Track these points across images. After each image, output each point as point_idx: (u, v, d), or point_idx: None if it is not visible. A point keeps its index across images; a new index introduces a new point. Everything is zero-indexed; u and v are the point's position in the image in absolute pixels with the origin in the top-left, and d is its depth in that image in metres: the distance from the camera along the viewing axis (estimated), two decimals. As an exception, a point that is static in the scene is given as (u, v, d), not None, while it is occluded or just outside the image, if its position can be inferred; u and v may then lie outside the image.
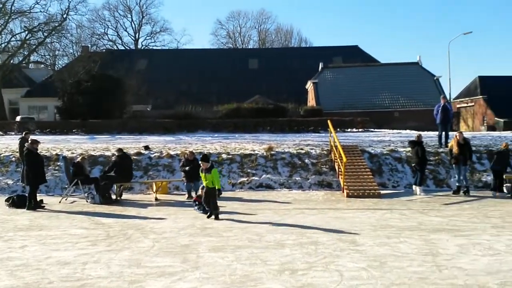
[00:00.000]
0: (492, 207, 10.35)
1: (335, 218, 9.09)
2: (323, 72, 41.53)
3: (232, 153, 15.09)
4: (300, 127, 26.65)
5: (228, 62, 53.22)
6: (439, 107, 15.39)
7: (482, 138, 18.47)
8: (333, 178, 13.77)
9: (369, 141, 17.61)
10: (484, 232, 7.64)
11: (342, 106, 36.89)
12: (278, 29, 76.12)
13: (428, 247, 6.69)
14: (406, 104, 37.88)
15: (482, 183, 13.47)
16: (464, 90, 51.79)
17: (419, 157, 12.60)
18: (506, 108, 43.84)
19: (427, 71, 40.80)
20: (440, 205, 10.71)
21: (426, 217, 9.11)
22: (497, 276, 5.26)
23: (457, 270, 5.51)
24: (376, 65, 44.99)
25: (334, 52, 53.76)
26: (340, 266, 5.78)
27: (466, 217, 9.13)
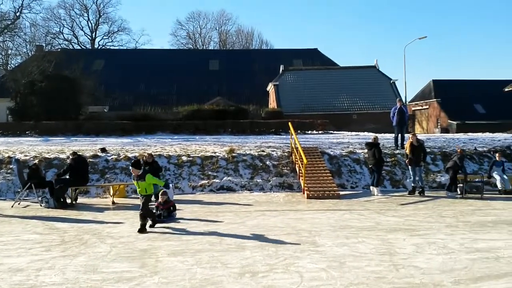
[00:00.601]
0: (446, 206, 10.71)
1: (296, 220, 9.15)
2: (284, 75, 41.91)
3: (193, 155, 14.94)
4: (262, 129, 26.73)
5: (188, 63, 52.73)
6: (395, 109, 15.80)
7: (436, 140, 19.11)
8: (294, 179, 13.87)
9: (328, 143, 17.88)
10: (439, 232, 7.88)
11: (302, 108, 37.32)
12: (239, 31, 76.28)
13: (385, 246, 6.83)
14: (364, 106, 38.77)
15: (436, 183, 13.91)
16: (419, 93, 53.59)
17: (376, 159, 12.88)
18: (458, 111, 45.69)
19: (384, 74, 41.93)
20: (396, 205, 10.98)
21: (383, 217, 9.31)
22: (451, 274, 5.42)
23: (413, 269, 5.65)
24: (335, 68, 45.83)
25: (294, 54, 54.39)
26: (300, 267, 5.81)
27: (421, 216, 9.41)
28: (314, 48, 56.93)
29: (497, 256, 6.21)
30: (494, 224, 8.51)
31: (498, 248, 6.65)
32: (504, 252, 6.38)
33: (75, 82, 30.12)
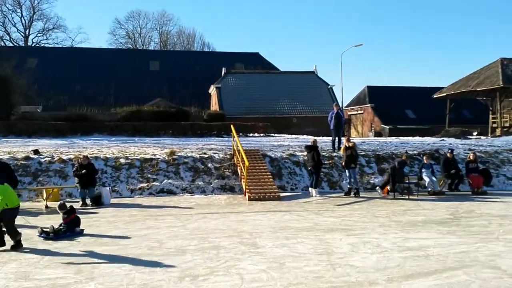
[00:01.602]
0: (379, 207, 11.19)
1: (237, 222, 9.19)
2: (226, 77, 41.98)
3: (131, 158, 14.57)
4: (203, 131, 26.59)
5: (127, 63, 51.37)
6: (332, 114, 16.32)
7: (370, 143, 19.91)
8: (235, 182, 13.92)
9: (270, 146, 18.11)
10: (373, 231, 8.22)
11: (244, 111, 37.54)
12: (180, 32, 75.43)
13: (323, 246, 7.03)
14: (303, 110, 39.65)
15: (370, 185, 14.49)
16: (354, 99, 55.66)
17: (315, 161, 13.22)
18: (391, 116, 47.93)
19: (322, 80, 43.13)
20: (333, 206, 11.33)
21: (321, 218, 9.58)
22: (385, 272, 5.68)
23: (350, 268, 5.86)
24: (276, 72, 46.55)
25: (236, 58, 54.60)
26: (241, 269, 5.84)
27: (357, 217, 9.77)
28: (256, 52, 57.50)
29: (427, 254, 6.57)
30: (423, 223, 9.01)
31: (427, 246, 7.03)
32: (433, 250, 6.76)
33: (6, 81, 28.38)
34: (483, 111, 43.84)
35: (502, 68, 33.81)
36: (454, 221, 9.27)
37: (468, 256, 6.40)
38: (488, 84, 33.47)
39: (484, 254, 6.54)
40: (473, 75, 36.99)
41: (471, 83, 35.61)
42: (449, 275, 5.52)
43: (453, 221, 9.21)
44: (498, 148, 17.82)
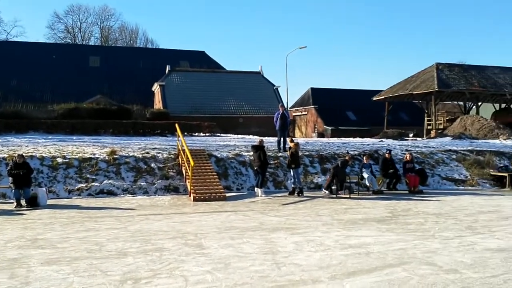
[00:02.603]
0: (322, 206, 11.41)
1: (181, 223, 9.03)
2: (170, 75, 41.27)
3: (69, 157, 13.95)
4: (146, 130, 25.99)
5: (66, 58, 49.26)
6: (278, 114, 16.48)
7: (314, 144, 20.30)
8: (180, 182, 13.69)
9: (215, 145, 17.99)
10: (316, 230, 8.35)
11: (189, 110, 37.10)
12: (123, 28, 73.40)
13: (268, 246, 7.05)
14: (249, 110, 39.81)
15: (314, 184, 14.76)
16: (299, 100, 56.65)
17: (261, 161, 13.28)
18: (333, 117, 49.26)
19: (268, 80, 43.52)
20: (278, 205, 11.42)
21: (267, 217, 9.62)
22: (328, 270, 5.77)
23: (294, 267, 5.90)
24: (222, 71, 46.42)
25: (181, 56, 53.91)
26: (185, 271, 5.73)
27: (301, 216, 9.90)
28: (202, 51, 57.04)
29: (368, 251, 6.76)
30: (364, 221, 9.28)
31: (368, 244, 7.24)
32: (373, 248, 6.97)
33: None
34: (419, 114, 46.04)
35: (437, 72, 35.69)
36: (392, 219, 9.62)
37: (406, 253, 6.65)
38: (424, 87, 35.19)
39: (421, 251, 6.81)
40: (410, 78, 38.76)
41: (408, 86, 37.30)
42: (389, 272, 5.70)
43: (391, 219, 9.55)
44: (433, 149, 18.74)
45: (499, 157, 17.78)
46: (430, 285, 5.19)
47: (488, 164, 16.84)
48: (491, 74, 37.45)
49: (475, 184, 15.65)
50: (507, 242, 7.42)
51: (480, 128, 29.65)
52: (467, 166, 16.69)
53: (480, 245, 7.20)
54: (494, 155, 17.78)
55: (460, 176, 16.17)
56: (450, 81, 35.04)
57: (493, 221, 9.37)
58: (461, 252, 6.72)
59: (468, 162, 16.94)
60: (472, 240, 7.57)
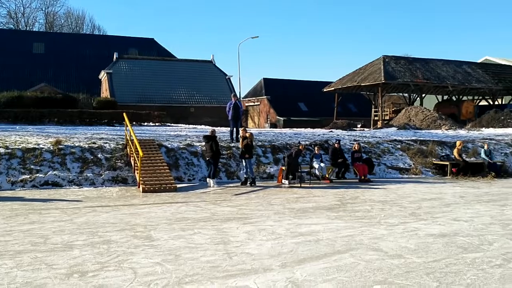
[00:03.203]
0: (274, 195, 11.51)
1: (130, 215, 8.82)
2: (118, 63, 40.05)
3: (12, 147, 13.26)
4: (93, 120, 25.15)
5: (8, 44, 46.71)
6: (230, 104, 16.41)
7: (266, 134, 20.43)
8: (128, 173, 13.37)
9: (166, 136, 17.68)
10: (268, 219, 8.42)
11: (138, 99, 36.27)
12: (69, 14, 70.55)
13: (220, 236, 7.03)
14: (201, 100, 39.42)
15: (266, 174, 14.86)
16: (251, 90, 56.75)
17: (213, 151, 13.20)
18: (285, 108, 49.76)
19: (220, 70, 43.21)
20: (231, 195, 11.41)
21: (219, 208, 9.59)
22: (279, 258, 5.83)
23: (245, 256, 5.92)
24: (173, 60, 45.60)
25: (129, 43, 52.50)
26: (134, 263, 5.60)
27: (253, 205, 9.94)
28: (151, 38, 55.77)
29: (317, 239, 6.88)
30: (314, 209, 9.45)
31: (318, 231, 7.38)
32: (323, 235, 7.11)
33: None
34: (367, 105, 47.38)
35: (384, 65, 36.79)
36: (341, 206, 9.85)
37: (354, 240, 6.83)
38: (371, 80, 36.21)
39: (368, 237, 7.02)
40: (358, 70, 39.75)
41: (357, 78, 38.25)
42: (338, 258, 5.83)
43: (340, 207, 9.79)
44: (379, 139, 19.34)
45: (441, 146, 18.61)
46: (376, 270, 5.35)
47: (430, 153, 17.59)
48: (434, 66, 39.06)
49: (419, 173, 16.32)
50: (448, 227, 7.78)
51: (423, 118, 30.92)
52: (411, 155, 17.37)
53: (423, 231, 7.51)
54: (437, 145, 18.59)
55: (404, 165, 16.81)
56: (396, 73, 36.23)
57: (435, 207, 9.81)
58: (405, 238, 6.98)
59: (412, 151, 17.62)
60: (416, 226, 7.88)
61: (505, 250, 6.27)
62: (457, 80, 37.84)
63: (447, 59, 41.23)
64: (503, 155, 18.32)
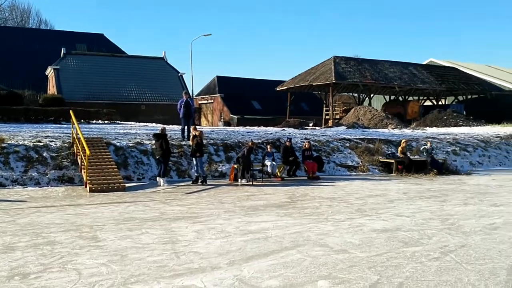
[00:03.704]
0: (226, 194, 11.54)
1: (76, 215, 8.59)
2: (65, 59, 38.67)
3: None
4: (39, 117, 24.18)
5: None
6: (182, 102, 16.26)
7: (219, 132, 20.40)
8: (75, 172, 12.98)
9: (115, 134, 17.28)
10: (218, 217, 8.44)
11: (87, 96, 35.21)
12: (13, 7, 67.33)
13: (168, 235, 6.98)
14: (152, 97, 38.77)
15: (218, 172, 14.86)
16: (205, 88, 56.39)
17: (163, 149, 13.05)
18: (239, 106, 49.82)
19: (172, 67, 42.67)
20: (181, 194, 11.34)
21: (169, 207, 9.51)
22: (227, 256, 5.87)
23: (194, 255, 5.92)
24: (123, 56, 44.59)
25: (78, 38, 50.80)
26: (79, 264, 5.48)
27: (204, 204, 9.93)
28: (100, 33, 54.25)
29: (266, 236, 6.98)
30: (264, 207, 9.57)
31: (267, 229, 7.48)
32: (272, 232, 7.22)
33: None
34: (319, 104, 48.28)
35: (335, 65, 37.67)
36: (291, 204, 10.03)
37: (301, 236, 6.98)
38: (323, 79, 36.98)
39: (315, 233, 7.20)
40: (310, 70, 40.48)
41: (309, 78, 38.94)
42: (285, 255, 5.95)
43: (290, 204, 9.96)
44: (329, 137, 19.80)
45: (387, 145, 19.30)
46: (321, 265, 5.51)
47: (377, 152, 18.20)
48: (382, 67, 40.41)
49: (366, 170, 16.85)
50: (391, 223, 8.10)
51: (371, 118, 31.94)
52: (359, 153, 17.90)
53: (367, 226, 7.79)
54: (383, 143, 19.26)
55: (352, 162, 17.30)
56: (346, 73, 37.20)
57: (380, 204, 10.18)
58: (351, 233, 7.21)
59: (360, 149, 18.17)
60: (361, 221, 8.16)
61: (442, 244, 6.61)
62: (403, 81, 39.32)
63: (394, 61, 42.78)
64: (445, 153, 19.24)
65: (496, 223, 8.10)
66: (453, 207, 9.79)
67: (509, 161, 20.42)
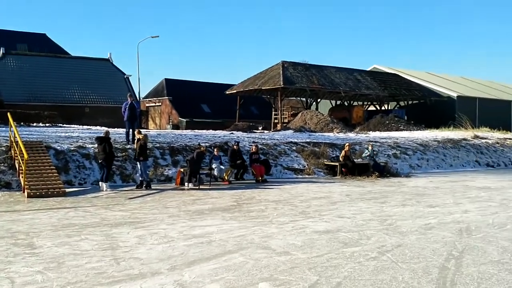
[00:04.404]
0: (171, 198, 11.40)
1: (12, 221, 8.19)
2: (5, 59, 36.81)
3: None
4: (-27, 120, 22.82)
5: None
6: (126, 105, 15.92)
7: (166, 135, 20.10)
8: (13, 177, 12.39)
9: (56, 137, 16.63)
10: (162, 222, 8.33)
11: (27, 98, 33.70)
12: None
13: (109, 241, 6.81)
14: (97, 100, 37.64)
15: (164, 176, 14.65)
16: (152, 90, 55.49)
17: (106, 153, 12.71)
18: (188, 109, 49.42)
19: (118, 69, 41.60)
20: (125, 199, 11.09)
21: (110, 212, 9.27)
22: (168, 261, 5.80)
23: (134, 261, 5.80)
24: (66, 57, 43.02)
25: (18, 38, 48.43)
26: (13, 272, 5.24)
27: (147, 209, 9.76)
28: (42, 33, 52.04)
29: (210, 240, 6.97)
30: (210, 211, 9.54)
31: (211, 233, 7.46)
32: (216, 236, 7.21)
33: None
34: (268, 108, 48.76)
35: (283, 70, 38.22)
36: (237, 207, 10.07)
37: (245, 239, 7.02)
38: (272, 84, 37.40)
39: (259, 236, 7.27)
40: (259, 74, 40.82)
41: (258, 82, 39.26)
42: (228, 258, 5.96)
43: (236, 208, 9.99)
44: (277, 141, 20.04)
45: (332, 148, 19.80)
46: (263, 268, 5.57)
47: (322, 155, 18.64)
48: (328, 73, 41.44)
49: (312, 173, 17.20)
50: (333, 224, 8.32)
51: (317, 122, 32.66)
52: (305, 156, 18.26)
53: (310, 228, 7.96)
54: (328, 147, 19.74)
55: (299, 165, 17.61)
56: (294, 78, 37.83)
57: (323, 206, 10.43)
58: (294, 235, 7.34)
59: (306, 153, 18.52)
60: (304, 223, 8.32)
61: (380, 244, 6.87)
62: (348, 87, 40.51)
63: (339, 67, 43.97)
64: (386, 156, 20.00)
65: (431, 223, 8.51)
66: (392, 208, 10.19)
67: (446, 164, 21.53)
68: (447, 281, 5.15)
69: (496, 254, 6.29)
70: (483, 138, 26.72)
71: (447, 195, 12.40)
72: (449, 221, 8.71)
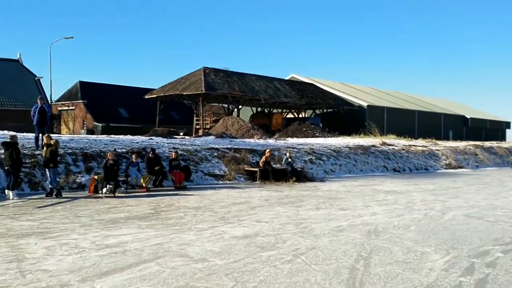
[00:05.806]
0: (83, 207, 10.88)
1: None
2: None
3: None
4: None
5: None
6: (36, 108, 15.02)
7: (79, 141, 19.19)
8: None
9: (-47, 142, 15.20)
10: (73, 232, 7.92)
11: None
12: None
13: (14, 253, 6.36)
14: (4, 103, 35.11)
15: (77, 184, 13.97)
16: (66, 93, 52.73)
17: (13, 159, 11.87)
18: (104, 114, 47.53)
19: (29, 70, 39.09)
20: (33, 208, 10.42)
21: (17, 222, 8.66)
22: (79, 273, 5.54)
23: (42, 273, 5.48)
24: (-31, 56, 39.59)
25: None
26: None
27: (57, 218, 9.23)
28: None
29: (125, 249, 6.75)
30: (125, 219, 9.24)
31: (126, 242, 7.23)
32: (131, 245, 6.99)
33: None
34: (190, 113, 48.38)
35: (205, 76, 38.17)
36: (154, 215, 9.85)
37: (162, 248, 6.90)
38: (193, 89, 37.19)
39: (176, 244, 7.17)
40: (180, 80, 40.43)
41: (179, 87, 38.84)
42: (143, 268, 5.81)
43: (153, 215, 9.78)
44: (198, 147, 19.94)
45: (253, 154, 20.11)
46: (179, 276, 5.51)
47: (243, 161, 18.86)
48: (249, 80, 42.09)
49: (232, 179, 17.33)
50: (251, 229, 8.44)
51: (239, 128, 32.98)
52: (226, 162, 18.36)
53: (229, 233, 8.01)
54: (249, 153, 20.02)
55: (220, 171, 17.66)
56: (215, 84, 37.92)
57: (242, 211, 10.54)
58: (212, 242, 7.34)
59: (227, 158, 18.64)
60: (223, 229, 8.36)
61: (295, 247, 7.09)
62: (268, 94, 41.42)
63: (260, 75, 44.85)
64: (303, 162, 20.70)
65: (342, 225, 8.95)
66: (307, 211, 10.57)
67: (357, 169, 22.76)
68: (356, 281, 5.44)
69: (401, 254, 6.75)
70: (390, 145, 28.63)
71: (357, 199, 13.10)
72: (359, 223, 9.21)
